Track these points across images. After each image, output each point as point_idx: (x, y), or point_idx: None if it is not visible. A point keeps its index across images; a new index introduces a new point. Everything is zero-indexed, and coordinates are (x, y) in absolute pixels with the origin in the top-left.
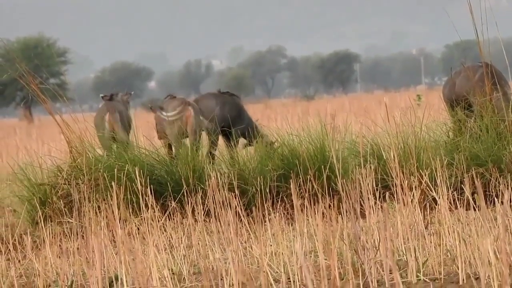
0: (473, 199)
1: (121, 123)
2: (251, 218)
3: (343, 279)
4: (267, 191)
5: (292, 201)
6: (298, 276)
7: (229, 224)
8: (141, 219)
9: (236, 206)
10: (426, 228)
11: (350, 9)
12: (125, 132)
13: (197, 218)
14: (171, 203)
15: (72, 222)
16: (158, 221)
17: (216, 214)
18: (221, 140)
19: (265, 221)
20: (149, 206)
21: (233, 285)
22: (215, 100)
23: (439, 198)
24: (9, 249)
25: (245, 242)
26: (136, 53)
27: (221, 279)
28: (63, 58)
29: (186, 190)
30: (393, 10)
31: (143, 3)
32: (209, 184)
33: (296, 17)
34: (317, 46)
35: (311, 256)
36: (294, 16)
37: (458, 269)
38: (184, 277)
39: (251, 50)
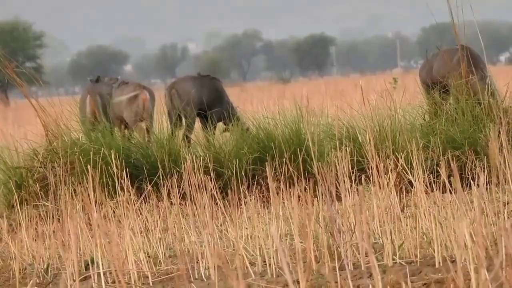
0: (449, 182)
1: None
2: (226, 201)
3: (319, 262)
4: (243, 174)
5: (267, 184)
6: (274, 259)
7: (204, 207)
8: (117, 202)
9: (211, 189)
10: (402, 211)
11: None
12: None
13: (172, 201)
14: (146, 186)
15: (48, 205)
16: (134, 204)
17: (192, 197)
18: (197, 124)
19: (240, 204)
20: (125, 189)
21: (208, 268)
22: (193, 83)
23: (415, 181)
24: None
25: (221, 225)
26: (113, 36)
27: (197, 262)
28: (39, 42)
29: (161, 173)
30: None
31: None
32: (184, 167)
33: None
34: (292, 29)
35: (286, 239)
36: None
37: (434, 252)
38: (159, 260)
39: (227, 33)
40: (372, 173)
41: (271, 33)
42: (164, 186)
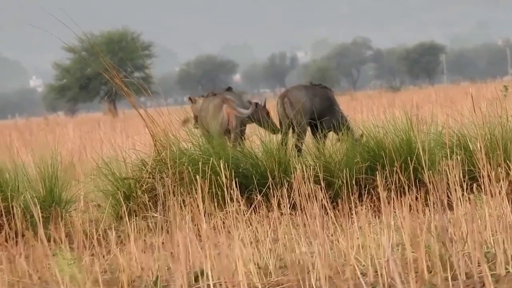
0: None
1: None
2: (337, 211)
3: (431, 272)
4: (353, 183)
5: (378, 193)
6: (385, 269)
7: (315, 217)
8: (226, 212)
9: (322, 199)
10: None
11: None
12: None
13: (283, 211)
14: (256, 196)
15: (156, 216)
16: (244, 214)
17: (302, 207)
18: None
19: (351, 214)
20: (234, 199)
21: (319, 279)
22: (305, 91)
23: None
24: (93, 245)
25: (332, 235)
26: (220, 44)
27: (308, 273)
28: (147, 51)
29: (271, 183)
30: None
31: None
32: (294, 177)
33: (378, 4)
34: (400, 35)
35: (398, 249)
36: (375, 3)
37: None
38: (270, 271)
39: (335, 42)
40: (483, 181)
41: (379, 41)
42: (274, 196)
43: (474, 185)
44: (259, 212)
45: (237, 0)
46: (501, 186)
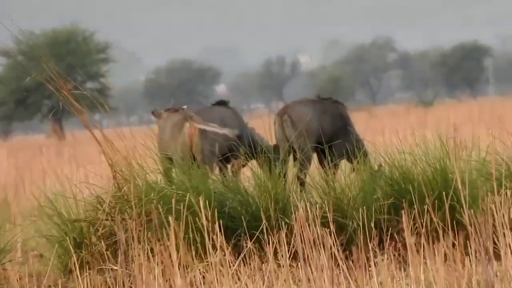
0: None
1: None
2: (351, 262)
3: None
4: (372, 226)
5: (404, 238)
6: None
7: (322, 270)
8: (207, 264)
9: (331, 246)
10: None
11: None
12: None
13: (280, 262)
14: (246, 243)
15: (117, 269)
16: (230, 266)
17: (306, 256)
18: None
19: (369, 266)
20: (218, 247)
21: None
22: (312, 107)
23: None
24: None
25: None
26: (200, 47)
27: None
28: (104, 55)
29: (266, 226)
30: None
31: None
32: (296, 218)
33: None
34: (435, 35)
35: None
36: None
37: None
38: None
39: (351, 42)
40: None
41: (407, 42)
42: (269, 243)
43: None
44: (249, 264)
45: None
46: None
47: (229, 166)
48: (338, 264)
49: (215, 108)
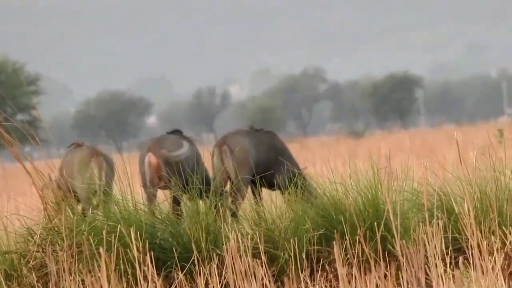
0: None
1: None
2: None
3: None
4: (304, 257)
5: (336, 269)
6: None
7: None
8: None
9: (262, 277)
10: None
11: (411, 15)
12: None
13: None
14: (177, 274)
15: None
16: None
17: (237, 287)
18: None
19: None
20: (149, 278)
21: None
22: (249, 138)
23: None
24: None
25: None
26: (130, 78)
27: None
28: (34, 87)
29: (197, 258)
30: (469, 14)
31: (138, 10)
32: (227, 249)
33: (340, 26)
34: (367, 65)
35: None
36: (337, 24)
37: None
38: None
39: (281, 72)
40: (472, 253)
41: (338, 71)
42: (200, 274)
43: (460, 258)
44: None
45: (152, 21)
46: (494, 259)
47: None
48: None
49: (170, 136)
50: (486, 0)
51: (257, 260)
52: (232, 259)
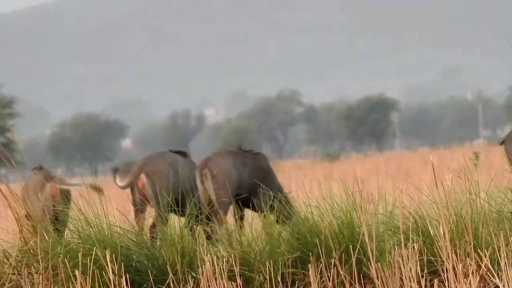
0: None
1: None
2: None
3: None
4: (279, 279)
5: None
6: None
7: None
8: None
9: None
10: None
11: (386, 40)
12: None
13: None
14: None
15: None
16: None
17: None
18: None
19: None
20: None
21: None
22: (233, 160)
23: (503, 286)
24: None
25: None
26: (106, 101)
27: None
28: (9, 109)
29: (172, 280)
30: (442, 38)
31: (114, 33)
32: (203, 272)
33: (316, 48)
34: (342, 88)
35: None
36: (313, 46)
37: None
38: None
39: (257, 95)
40: (447, 276)
41: (314, 94)
42: None
43: (436, 281)
44: None
45: (128, 43)
46: (470, 282)
47: None
48: None
49: (168, 153)
50: (457, 25)
51: (233, 282)
52: (208, 282)
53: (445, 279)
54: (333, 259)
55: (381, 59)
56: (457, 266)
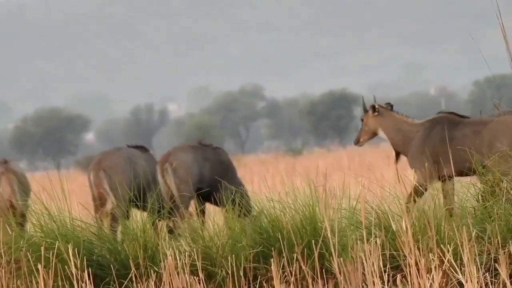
0: (511, 282)
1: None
2: None
3: None
4: (241, 274)
5: (273, 287)
6: None
7: None
8: None
9: None
10: None
11: (349, 37)
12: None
13: None
14: None
15: None
16: None
17: None
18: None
19: None
20: None
21: None
22: (194, 154)
23: (466, 282)
24: None
25: None
26: (69, 95)
27: None
28: None
29: (135, 274)
30: (406, 35)
31: (77, 29)
32: (165, 266)
33: (279, 45)
34: (305, 84)
35: None
36: (276, 44)
37: None
38: None
39: (219, 90)
40: (410, 271)
41: (277, 89)
42: None
43: (398, 276)
44: None
45: (90, 39)
46: (432, 277)
47: None
48: None
49: (125, 148)
50: (421, 22)
51: (195, 277)
52: (170, 276)
53: (407, 274)
54: (295, 254)
55: (344, 57)
56: (419, 261)
